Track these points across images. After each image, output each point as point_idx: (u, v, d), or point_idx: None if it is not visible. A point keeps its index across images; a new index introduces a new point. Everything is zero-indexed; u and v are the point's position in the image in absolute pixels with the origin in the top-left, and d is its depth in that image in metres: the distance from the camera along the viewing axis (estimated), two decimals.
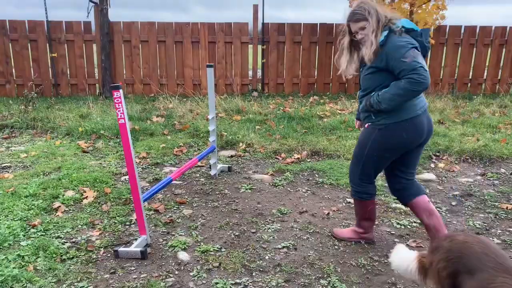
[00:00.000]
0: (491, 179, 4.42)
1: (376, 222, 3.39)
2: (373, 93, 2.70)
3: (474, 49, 8.94)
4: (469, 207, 3.74)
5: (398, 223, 3.38)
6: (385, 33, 2.62)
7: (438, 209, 3.67)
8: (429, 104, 7.40)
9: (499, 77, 9.12)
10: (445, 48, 8.88)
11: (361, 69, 2.86)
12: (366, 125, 2.83)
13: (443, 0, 7.33)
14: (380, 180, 4.28)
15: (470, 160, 4.96)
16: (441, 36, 8.70)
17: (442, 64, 8.98)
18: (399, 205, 3.69)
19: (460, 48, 8.92)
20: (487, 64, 9.12)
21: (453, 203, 3.81)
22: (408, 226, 3.34)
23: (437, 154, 5.08)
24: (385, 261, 2.83)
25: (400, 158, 2.84)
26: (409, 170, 2.91)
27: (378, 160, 2.82)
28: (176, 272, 2.68)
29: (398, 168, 2.90)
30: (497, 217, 3.53)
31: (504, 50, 8.94)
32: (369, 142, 2.78)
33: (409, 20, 2.69)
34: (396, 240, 3.12)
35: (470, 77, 9.09)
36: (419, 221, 3.39)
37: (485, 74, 9.17)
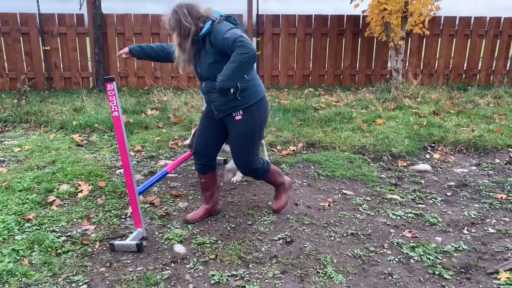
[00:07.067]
0: (486, 169, 4.44)
1: (372, 213, 3.41)
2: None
3: (469, 40, 8.95)
4: (464, 197, 3.76)
5: (393, 214, 3.39)
6: (208, 24, 2.78)
7: (434, 199, 3.69)
8: (424, 95, 7.42)
9: (493, 68, 9.15)
10: (439, 39, 8.87)
11: (198, 63, 2.95)
12: (238, 116, 2.95)
13: None
14: (376, 172, 4.29)
15: (465, 150, 4.98)
16: (435, 27, 8.69)
17: (437, 55, 8.98)
18: (395, 196, 3.70)
19: (454, 39, 8.92)
20: (481, 55, 9.13)
21: (448, 194, 3.82)
22: (404, 217, 3.35)
23: (432, 145, 5.09)
24: (381, 251, 2.84)
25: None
26: None
27: (260, 136, 3.10)
28: (172, 265, 2.68)
29: (221, 142, 3.25)
30: (492, 207, 3.55)
31: (498, 40, 8.95)
32: (256, 124, 2.98)
33: (220, 11, 2.91)
34: (392, 231, 3.13)
35: (464, 68, 9.10)
36: (414, 211, 3.42)
37: (480, 65, 9.19)
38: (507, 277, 2.51)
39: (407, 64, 8.71)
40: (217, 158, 3.61)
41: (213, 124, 3.13)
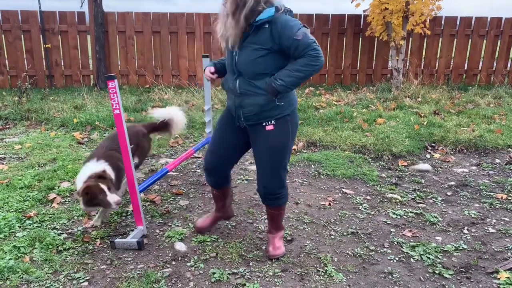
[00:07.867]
0: (486, 169, 4.44)
1: (372, 212, 3.41)
2: (269, 78, 2.40)
3: (470, 40, 8.94)
4: (465, 197, 3.76)
5: (394, 213, 3.39)
6: (271, 11, 2.33)
7: (434, 199, 3.69)
8: (425, 95, 7.42)
9: (494, 68, 9.14)
10: (440, 39, 8.87)
11: (236, 51, 2.45)
12: (269, 126, 2.49)
13: None
14: (376, 171, 4.29)
15: (465, 150, 4.98)
16: (436, 27, 8.68)
17: (438, 55, 8.98)
18: (395, 195, 3.70)
19: (455, 39, 8.91)
20: (482, 55, 9.13)
21: (449, 193, 3.83)
22: (404, 216, 3.35)
23: (433, 144, 5.09)
24: (381, 250, 2.85)
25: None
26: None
27: (291, 148, 2.63)
28: (173, 263, 2.68)
29: (237, 158, 2.84)
30: (492, 206, 3.56)
31: (499, 41, 8.95)
32: (289, 134, 2.53)
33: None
34: (392, 230, 3.13)
35: (465, 68, 9.10)
36: (415, 211, 3.43)
37: (480, 65, 9.18)
38: (507, 277, 2.51)
39: (407, 64, 8.71)
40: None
41: (231, 135, 2.67)
